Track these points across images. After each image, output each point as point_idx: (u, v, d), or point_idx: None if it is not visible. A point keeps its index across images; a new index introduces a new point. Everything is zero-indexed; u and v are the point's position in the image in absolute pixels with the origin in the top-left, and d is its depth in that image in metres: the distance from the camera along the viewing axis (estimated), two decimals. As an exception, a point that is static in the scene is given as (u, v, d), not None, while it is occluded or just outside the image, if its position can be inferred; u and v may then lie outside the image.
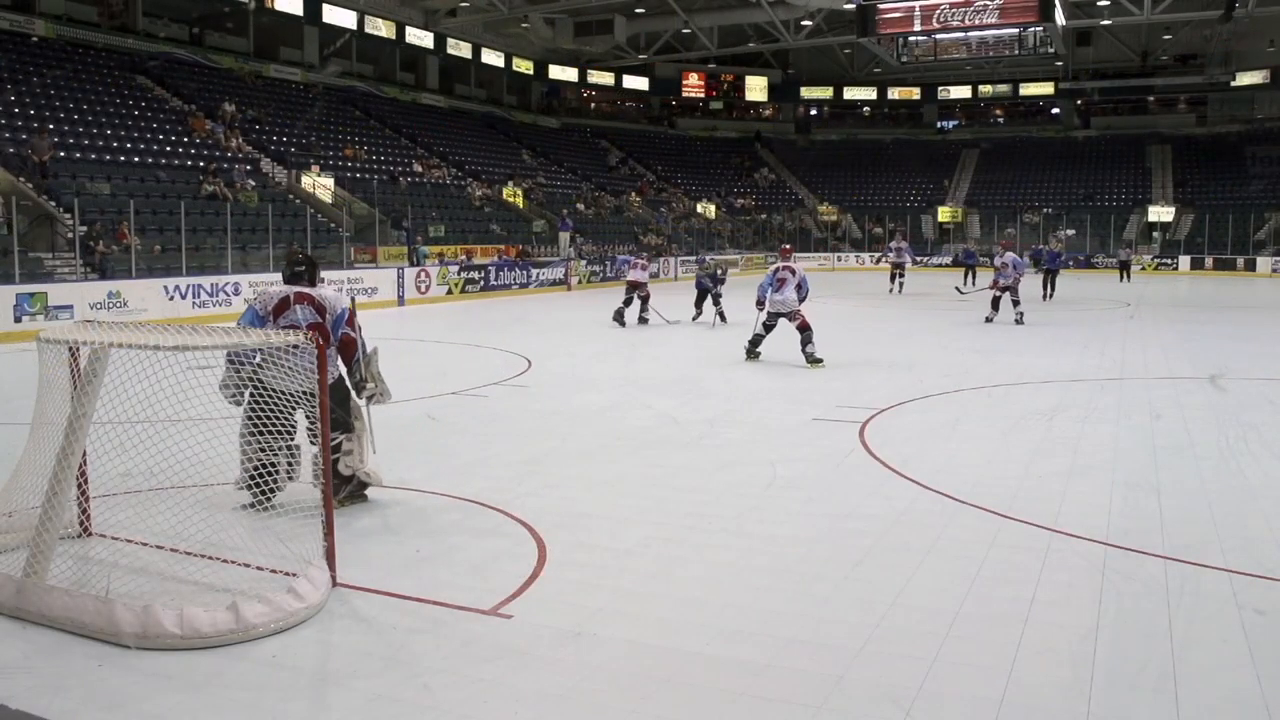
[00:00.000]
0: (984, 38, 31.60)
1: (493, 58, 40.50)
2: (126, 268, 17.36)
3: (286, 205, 23.18)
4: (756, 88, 48.60)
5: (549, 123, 43.53)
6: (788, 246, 13.12)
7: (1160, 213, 40.16)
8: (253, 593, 3.96)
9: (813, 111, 50.44)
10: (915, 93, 48.56)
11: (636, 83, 46.47)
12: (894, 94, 48.82)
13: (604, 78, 45.61)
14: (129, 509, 4.73)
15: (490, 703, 3.30)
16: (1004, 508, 5.50)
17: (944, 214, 42.77)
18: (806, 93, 49.50)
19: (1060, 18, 30.89)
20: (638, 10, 38.20)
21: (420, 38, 36.49)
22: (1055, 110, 47.25)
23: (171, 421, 4.39)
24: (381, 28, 34.76)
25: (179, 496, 4.75)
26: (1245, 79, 41.30)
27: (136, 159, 21.82)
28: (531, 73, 42.95)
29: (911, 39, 32.27)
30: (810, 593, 4.28)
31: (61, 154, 20.08)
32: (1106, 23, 37.84)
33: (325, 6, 32.49)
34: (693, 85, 47.90)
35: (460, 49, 38.62)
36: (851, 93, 49.43)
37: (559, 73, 43.95)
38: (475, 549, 4.87)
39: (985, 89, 47.78)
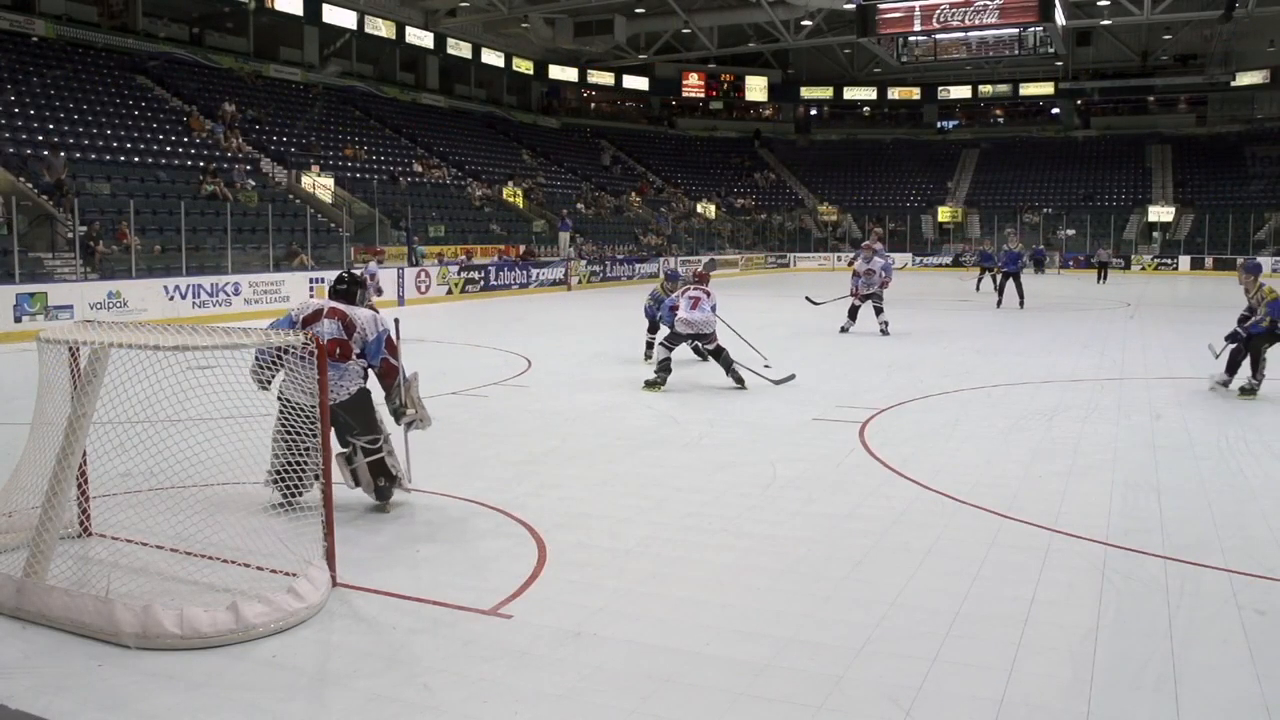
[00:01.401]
0: (984, 38, 31.61)
1: (493, 58, 40.50)
2: (126, 268, 17.37)
3: (286, 205, 23.18)
4: (756, 88, 48.60)
5: (549, 123, 43.53)
6: (702, 270, 10.82)
7: (1160, 213, 40.16)
8: (253, 593, 3.97)
9: (813, 111, 50.44)
10: (915, 93, 48.55)
11: (636, 83, 46.47)
12: (894, 94, 48.81)
13: (604, 78, 45.60)
14: (129, 509, 4.73)
15: (490, 703, 3.30)
16: (1004, 508, 5.50)
17: (944, 214, 42.77)
18: (806, 93, 49.50)
19: (1060, 18, 30.90)
20: (638, 10, 38.20)
21: (420, 38, 36.50)
22: (1055, 110, 47.25)
23: (171, 421, 4.40)
24: (381, 28, 34.75)
25: (179, 496, 4.76)
26: (1245, 79, 41.31)
27: (136, 159, 21.82)
28: (531, 73, 42.95)
29: (911, 39, 32.28)
30: (810, 593, 4.28)
31: (61, 154, 20.07)
32: (1106, 23, 37.85)
33: (325, 6, 32.49)
34: (693, 85, 47.89)
35: (460, 49, 38.62)
36: (851, 93, 49.42)
37: (559, 73, 43.95)
38: (475, 549, 4.87)
39: (985, 89, 47.76)
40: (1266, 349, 9.12)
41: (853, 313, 14.82)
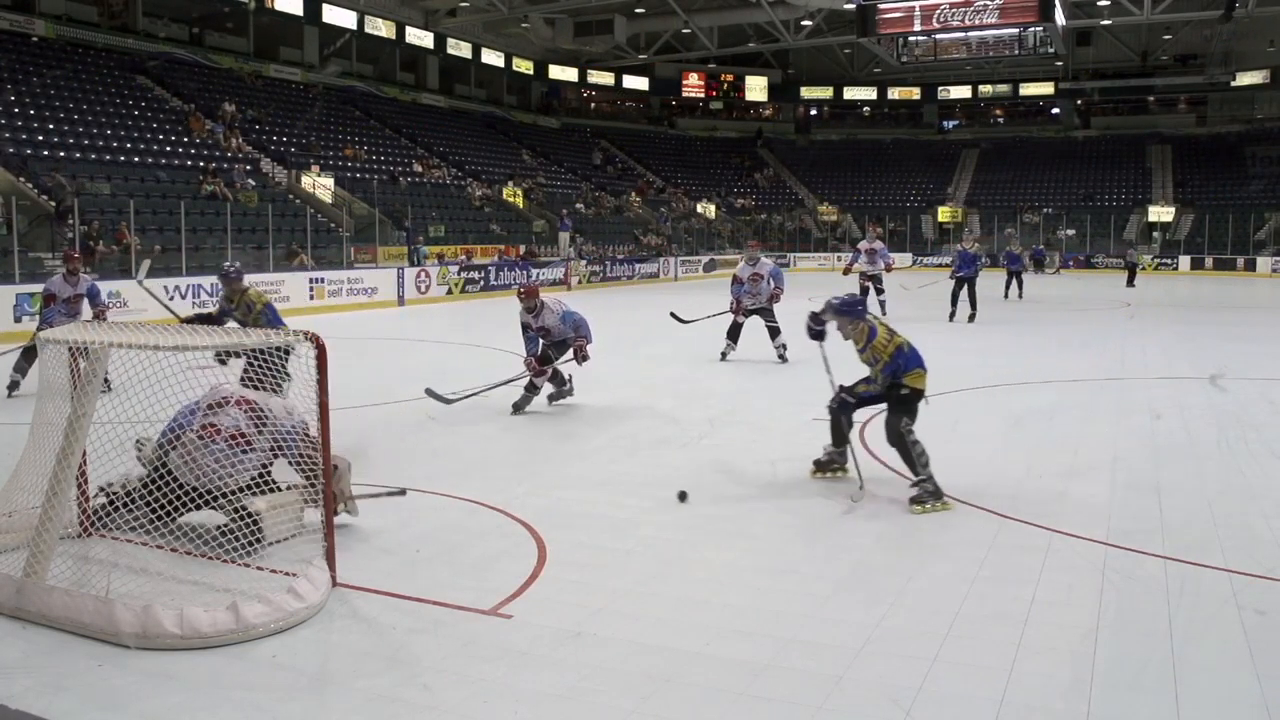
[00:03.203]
0: (984, 38, 31.61)
1: (493, 58, 40.48)
2: (127, 268, 17.34)
3: (286, 205, 23.17)
4: (756, 88, 48.57)
5: (549, 123, 43.51)
6: (530, 285, 9.85)
7: (1160, 213, 40.16)
8: (253, 593, 3.96)
9: (813, 111, 50.40)
10: (915, 93, 48.53)
11: (636, 83, 46.44)
12: (894, 94, 48.78)
13: (604, 78, 45.58)
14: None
15: (490, 703, 3.30)
16: (1004, 508, 5.50)
17: (944, 214, 42.73)
18: (806, 93, 49.47)
19: (1060, 18, 30.89)
20: (638, 10, 38.18)
21: (420, 38, 36.48)
22: (1055, 110, 47.21)
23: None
24: (381, 28, 34.75)
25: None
26: (1245, 79, 41.30)
27: (136, 159, 21.82)
28: (531, 73, 42.93)
29: (911, 39, 32.27)
30: (810, 593, 4.28)
31: (61, 154, 20.07)
32: (1106, 23, 37.84)
33: (325, 6, 32.48)
34: (693, 85, 47.87)
35: (460, 49, 38.61)
36: (851, 93, 49.39)
37: (559, 73, 43.93)
38: (475, 549, 4.87)
39: (985, 89, 47.74)
40: (909, 422, 5.85)
41: (734, 332, 11.84)
